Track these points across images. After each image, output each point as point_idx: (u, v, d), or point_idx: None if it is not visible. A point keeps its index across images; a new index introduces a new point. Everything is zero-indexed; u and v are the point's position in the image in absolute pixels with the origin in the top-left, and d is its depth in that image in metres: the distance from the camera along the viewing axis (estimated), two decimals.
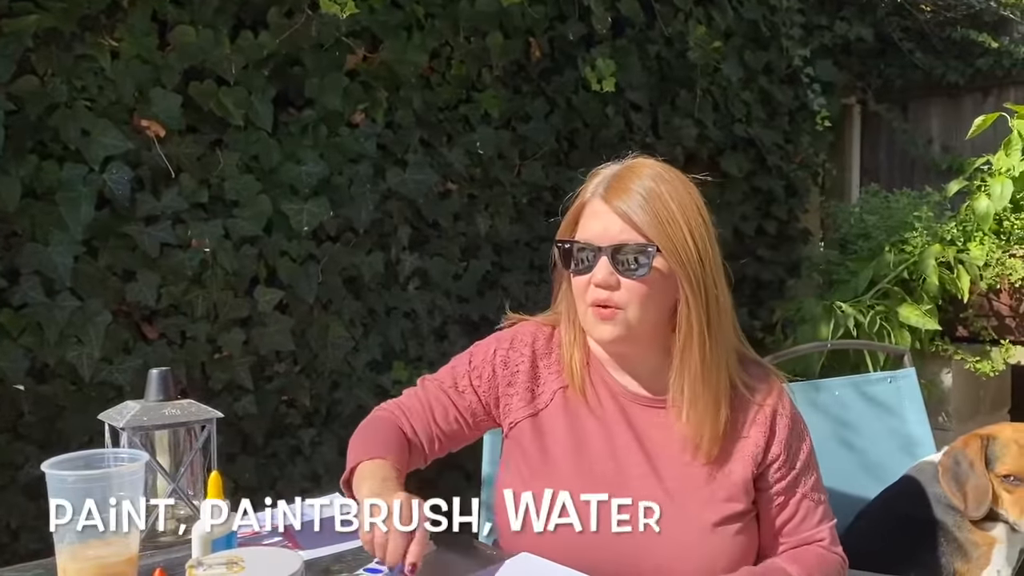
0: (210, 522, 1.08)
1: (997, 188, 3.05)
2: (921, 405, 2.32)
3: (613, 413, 1.34)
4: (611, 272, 1.25)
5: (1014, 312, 3.10)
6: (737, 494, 1.28)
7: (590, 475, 1.30)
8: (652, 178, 1.28)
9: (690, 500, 1.27)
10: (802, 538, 1.31)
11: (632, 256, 1.25)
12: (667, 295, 1.28)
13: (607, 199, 1.27)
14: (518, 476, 1.35)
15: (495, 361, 1.38)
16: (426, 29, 2.54)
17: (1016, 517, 1.81)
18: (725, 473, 1.29)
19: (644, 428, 1.32)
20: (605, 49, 2.98)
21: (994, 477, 1.84)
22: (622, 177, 1.29)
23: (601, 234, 1.26)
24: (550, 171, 2.91)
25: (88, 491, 1.03)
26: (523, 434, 1.35)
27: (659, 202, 1.25)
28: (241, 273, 2.24)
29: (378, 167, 2.49)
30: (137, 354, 2.11)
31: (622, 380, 1.36)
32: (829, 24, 3.95)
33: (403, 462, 1.27)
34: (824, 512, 1.32)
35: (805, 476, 1.32)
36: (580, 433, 1.33)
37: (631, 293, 1.25)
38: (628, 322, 1.26)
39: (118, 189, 2.03)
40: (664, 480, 1.29)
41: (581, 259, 1.28)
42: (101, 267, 2.07)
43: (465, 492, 1.30)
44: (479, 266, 2.74)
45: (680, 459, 1.30)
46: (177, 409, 1.29)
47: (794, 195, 3.77)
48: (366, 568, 1.18)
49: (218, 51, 2.16)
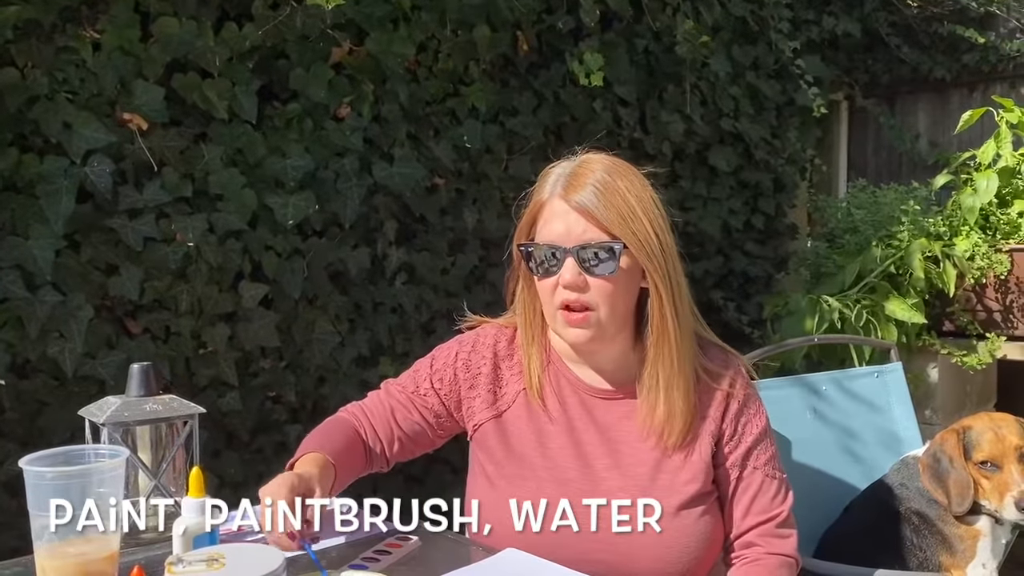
0: (191, 519, 1.06)
1: (983, 182, 3.05)
2: (908, 400, 2.32)
3: (575, 409, 1.35)
4: (579, 272, 1.24)
5: (1000, 306, 3.11)
6: (698, 475, 1.30)
7: (556, 471, 1.31)
8: (607, 172, 1.27)
9: (655, 487, 1.29)
10: (761, 517, 1.31)
11: (598, 254, 1.24)
12: (632, 289, 1.29)
13: (566, 197, 1.26)
14: (483, 478, 1.36)
15: (456, 364, 1.39)
16: (412, 22, 2.53)
17: (997, 503, 1.82)
18: (687, 456, 1.31)
19: (607, 421, 1.34)
20: (593, 43, 2.97)
21: (972, 467, 1.85)
22: (577, 174, 1.28)
23: (564, 234, 1.25)
24: (538, 166, 2.87)
25: (67, 488, 1.02)
26: (487, 436, 1.36)
27: (618, 197, 1.25)
28: (226, 268, 2.22)
29: (364, 161, 2.47)
30: (120, 349, 2.09)
31: (583, 375, 1.36)
32: (817, 19, 3.95)
33: (347, 458, 1.28)
34: (779, 488, 1.34)
35: (757, 451, 1.33)
36: (543, 433, 1.34)
37: (599, 292, 1.25)
38: (600, 323, 1.27)
39: (100, 182, 2.01)
40: (629, 470, 1.30)
41: (546, 261, 1.26)
42: (83, 261, 2.05)
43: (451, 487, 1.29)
44: (466, 261, 2.73)
45: (644, 448, 1.31)
46: (159, 405, 1.27)
47: (781, 190, 3.77)
48: (350, 565, 1.17)
49: (202, 43, 2.14)
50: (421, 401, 1.39)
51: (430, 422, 1.40)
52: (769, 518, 1.31)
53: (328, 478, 1.21)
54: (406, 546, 1.23)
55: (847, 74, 4.34)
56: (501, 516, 1.25)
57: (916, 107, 4.35)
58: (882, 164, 4.45)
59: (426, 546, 1.26)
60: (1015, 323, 3.10)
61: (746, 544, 1.32)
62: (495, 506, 1.29)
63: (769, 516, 1.31)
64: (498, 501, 1.29)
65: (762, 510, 1.31)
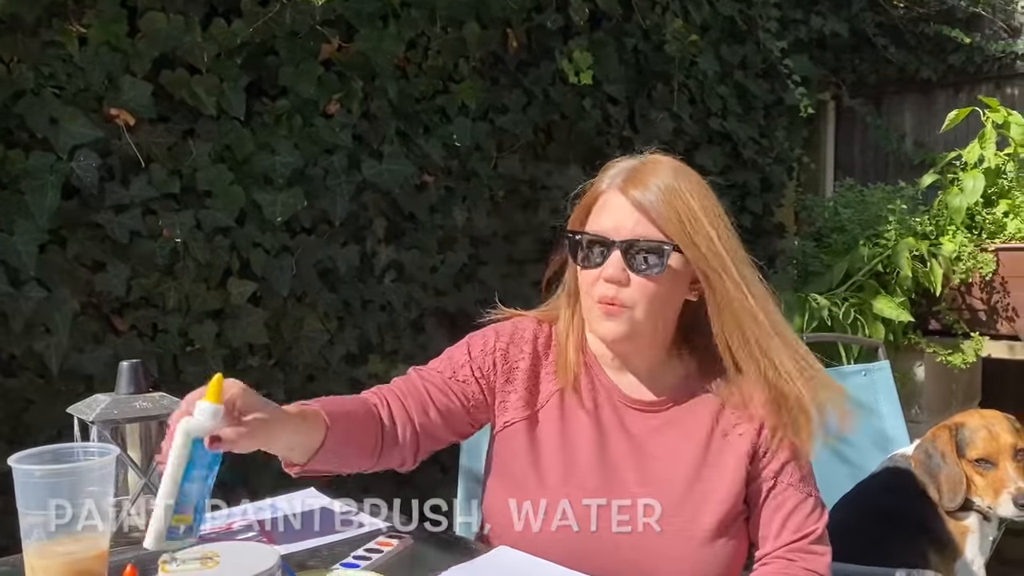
0: (199, 421, 0.98)
1: (969, 182, 3.08)
2: (895, 398, 2.33)
3: (608, 418, 1.30)
4: (623, 268, 1.20)
5: (985, 305, 3.13)
6: (730, 494, 1.25)
7: (580, 487, 1.26)
8: (671, 173, 1.24)
9: (686, 505, 1.24)
10: (795, 535, 1.27)
11: (646, 253, 1.20)
12: (677, 294, 1.25)
13: (624, 191, 1.22)
14: (508, 480, 1.30)
15: (495, 353, 1.32)
16: (402, 18, 2.52)
17: (991, 500, 1.83)
18: (722, 474, 1.26)
19: (640, 434, 1.29)
20: (583, 41, 2.97)
21: (966, 464, 1.86)
22: (641, 171, 1.24)
23: (615, 227, 1.21)
24: (528, 164, 2.89)
25: (56, 486, 1.01)
26: (516, 435, 1.30)
27: (679, 199, 1.21)
28: (214, 264, 2.20)
29: (353, 158, 2.46)
30: (107, 346, 2.07)
31: (620, 381, 1.32)
32: (805, 19, 3.96)
33: (347, 422, 1.16)
34: (814, 506, 1.29)
35: (790, 467, 1.28)
36: (573, 441, 1.29)
37: (640, 291, 1.21)
38: (633, 320, 1.22)
39: (86, 177, 1.99)
40: (661, 487, 1.25)
41: (592, 252, 1.23)
42: (69, 257, 2.03)
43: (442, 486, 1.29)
44: (456, 259, 2.73)
45: (678, 463, 1.26)
46: (148, 402, 1.26)
47: (769, 189, 3.78)
48: (342, 563, 1.16)
49: (189, 39, 2.12)
50: (460, 387, 1.31)
51: (467, 407, 1.31)
52: (803, 536, 1.26)
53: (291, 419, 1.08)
54: (398, 544, 1.23)
55: (834, 74, 4.36)
56: (515, 519, 1.24)
57: (902, 107, 4.38)
58: (868, 164, 4.47)
59: (418, 544, 1.25)
60: (1000, 322, 3.13)
61: (777, 558, 1.27)
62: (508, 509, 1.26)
63: (803, 534, 1.26)
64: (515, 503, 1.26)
65: (796, 528, 1.26)
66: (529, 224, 2.91)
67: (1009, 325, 3.10)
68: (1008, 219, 3.12)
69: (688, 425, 1.28)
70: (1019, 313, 3.07)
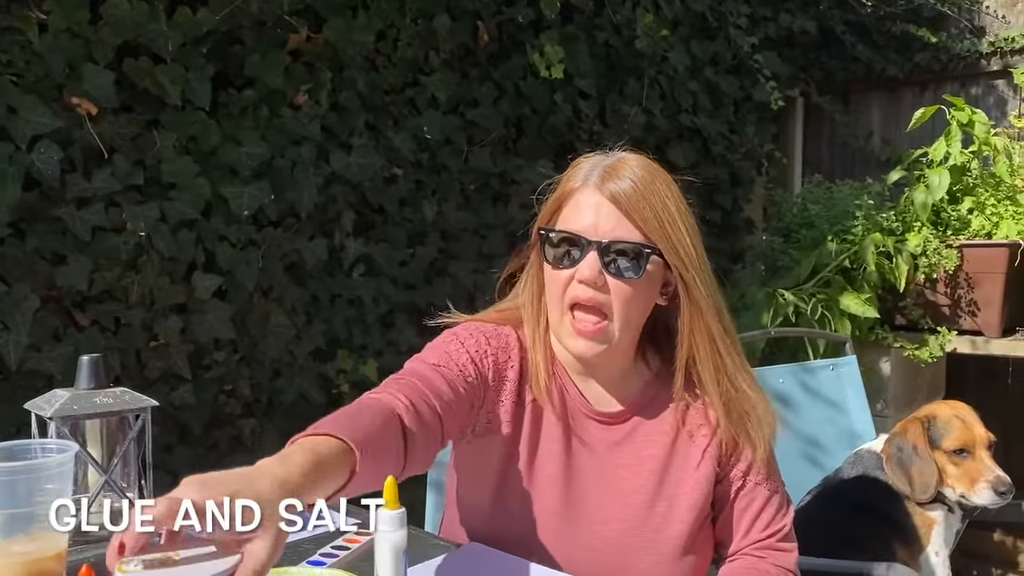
0: (392, 534, 0.93)
1: (935, 179, 3.12)
2: (862, 392, 2.36)
3: (576, 430, 1.25)
4: (599, 271, 1.14)
5: (949, 300, 3.18)
6: (697, 502, 1.24)
7: (547, 498, 1.23)
8: (646, 172, 1.18)
9: (652, 519, 1.23)
10: (763, 533, 1.27)
11: (625, 255, 1.14)
12: (649, 300, 1.21)
13: (601, 187, 1.16)
14: (477, 486, 1.26)
15: (489, 359, 1.22)
16: (371, 9, 2.49)
17: (965, 489, 1.85)
18: (687, 480, 1.25)
19: (605, 447, 1.25)
20: (554, 35, 2.96)
21: (940, 454, 1.88)
22: (615, 167, 1.18)
23: (592, 226, 1.15)
24: (498, 158, 2.88)
25: (12, 484, 0.98)
26: (493, 445, 1.24)
27: (656, 198, 1.16)
28: (178, 258, 2.17)
29: (321, 150, 2.43)
30: (68, 342, 2.03)
31: (585, 389, 1.26)
32: (774, 16, 3.99)
33: (377, 446, 0.97)
34: (781, 503, 1.29)
35: (759, 464, 1.27)
36: (542, 453, 1.24)
37: (619, 295, 1.15)
38: (612, 336, 1.17)
39: (47, 169, 1.94)
40: (625, 499, 1.23)
41: (565, 252, 1.16)
42: (28, 251, 1.98)
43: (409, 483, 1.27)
44: (426, 253, 2.71)
45: (642, 473, 1.24)
46: (109, 398, 1.23)
47: (738, 185, 3.80)
48: (308, 560, 1.15)
49: (154, 27, 2.08)
50: (465, 383, 1.17)
51: (473, 408, 1.19)
52: (772, 534, 1.26)
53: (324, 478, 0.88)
54: (365, 542, 1.21)
55: (803, 71, 4.40)
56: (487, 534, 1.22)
57: (869, 104, 4.42)
58: (836, 160, 4.51)
59: None
60: (963, 317, 3.17)
61: (745, 555, 1.27)
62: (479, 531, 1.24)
63: (772, 532, 1.26)
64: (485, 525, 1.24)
65: (764, 526, 1.26)
66: (499, 218, 2.90)
67: (972, 320, 3.15)
68: (972, 216, 3.16)
69: (653, 431, 1.26)
70: (982, 309, 3.12)
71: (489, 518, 1.25)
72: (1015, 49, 3.99)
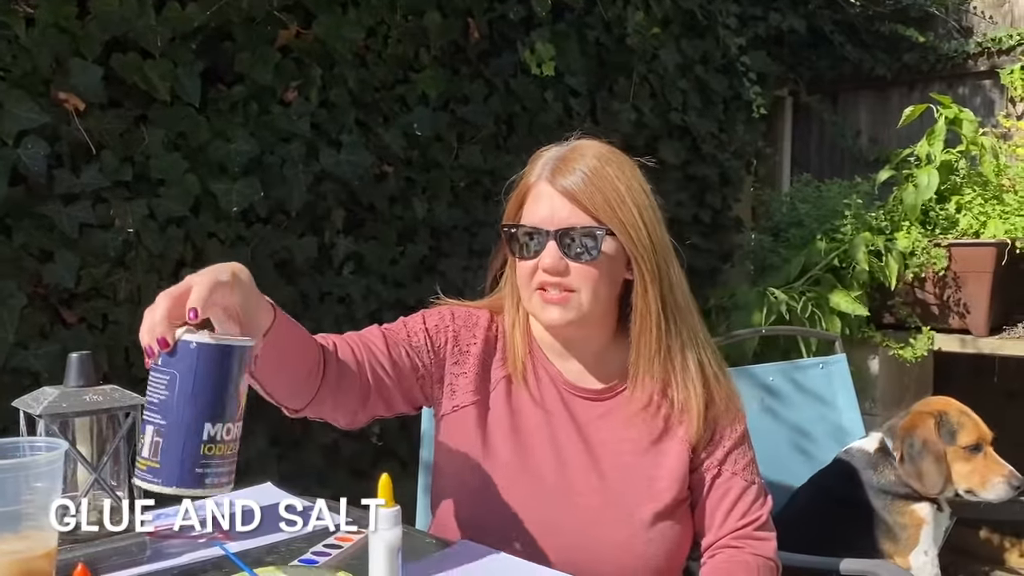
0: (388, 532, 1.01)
1: (924, 178, 3.13)
2: (852, 391, 2.37)
3: (554, 404, 1.32)
4: (560, 257, 1.23)
5: (938, 300, 3.19)
6: (675, 481, 1.28)
7: (531, 469, 1.28)
8: (597, 158, 1.26)
9: (630, 491, 1.27)
10: (740, 522, 1.30)
11: (581, 239, 1.22)
12: (616, 277, 1.27)
13: (553, 181, 1.25)
14: (458, 464, 1.31)
15: (448, 332, 1.33)
16: (362, 6, 2.48)
17: (975, 485, 1.85)
18: (664, 461, 1.29)
19: (585, 421, 1.31)
20: (545, 33, 2.96)
21: (953, 450, 1.88)
22: (567, 159, 1.26)
23: (548, 218, 1.24)
24: (488, 155, 2.87)
25: (1, 483, 0.97)
26: (467, 420, 1.31)
27: (606, 182, 1.23)
28: (167, 255, 2.15)
29: (311, 147, 2.42)
30: (55, 339, 2.01)
31: (565, 368, 1.33)
32: (763, 15, 4.00)
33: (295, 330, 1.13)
34: (758, 493, 1.33)
35: (735, 455, 1.32)
36: (522, 425, 1.30)
37: (581, 277, 1.23)
38: (580, 305, 1.24)
39: (34, 165, 1.93)
40: (606, 473, 1.28)
41: (528, 244, 1.25)
42: (15, 247, 1.96)
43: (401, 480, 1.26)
44: (416, 250, 2.70)
45: (621, 450, 1.29)
46: (99, 395, 1.21)
47: (728, 184, 3.81)
48: (300, 559, 1.14)
49: (143, 21, 2.06)
50: (413, 351, 1.28)
51: (417, 374, 1.28)
52: (749, 523, 1.30)
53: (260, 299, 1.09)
54: (357, 540, 1.21)
55: (792, 70, 4.41)
56: (469, 514, 1.24)
57: (858, 104, 4.44)
58: (824, 159, 4.53)
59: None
60: (951, 316, 3.19)
61: (723, 547, 1.30)
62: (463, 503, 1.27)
63: (748, 521, 1.30)
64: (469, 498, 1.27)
65: (741, 515, 1.30)
66: (490, 216, 2.89)
67: (960, 319, 3.16)
68: (960, 215, 3.18)
69: (632, 411, 1.30)
70: (970, 308, 3.14)
71: (470, 496, 1.29)
72: (1002, 49, 4.02)
